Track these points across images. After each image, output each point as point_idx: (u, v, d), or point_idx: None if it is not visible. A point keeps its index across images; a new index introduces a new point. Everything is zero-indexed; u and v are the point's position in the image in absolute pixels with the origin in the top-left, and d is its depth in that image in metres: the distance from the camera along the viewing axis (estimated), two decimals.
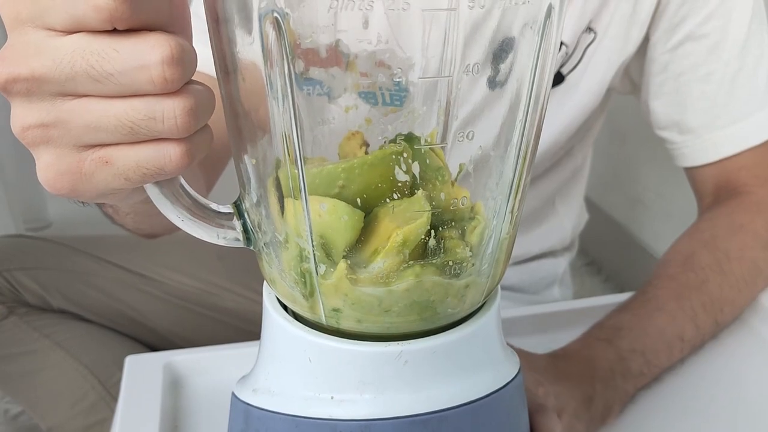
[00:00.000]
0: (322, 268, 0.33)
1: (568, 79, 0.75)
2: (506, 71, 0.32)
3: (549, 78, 0.34)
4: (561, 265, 0.92)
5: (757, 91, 0.72)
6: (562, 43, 0.71)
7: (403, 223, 0.33)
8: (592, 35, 0.72)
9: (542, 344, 0.61)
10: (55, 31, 0.28)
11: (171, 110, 0.28)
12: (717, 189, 0.75)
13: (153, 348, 0.96)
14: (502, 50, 0.32)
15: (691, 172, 0.78)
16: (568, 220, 0.91)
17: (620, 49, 0.73)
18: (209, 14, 0.32)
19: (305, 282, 0.34)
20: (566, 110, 0.76)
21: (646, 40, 0.74)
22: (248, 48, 0.31)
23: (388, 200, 0.33)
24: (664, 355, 0.59)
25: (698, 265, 0.65)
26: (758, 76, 0.72)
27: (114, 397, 0.87)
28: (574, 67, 0.74)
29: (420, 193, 0.33)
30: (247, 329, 0.93)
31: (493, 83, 0.33)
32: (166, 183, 0.34)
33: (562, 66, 0.73)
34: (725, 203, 0.72)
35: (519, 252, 0.88)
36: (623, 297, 0.67)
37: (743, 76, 0.72)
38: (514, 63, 0.32)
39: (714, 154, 0.74)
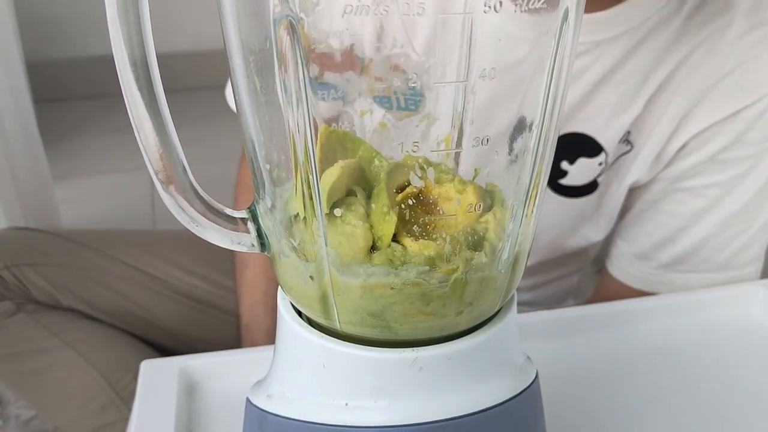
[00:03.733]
0: (336, 273, 0.33)
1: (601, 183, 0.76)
2: (522, 76, 0.32)
3: (566, 82, 0.33)
4: (575, 278, 0.92)
5: (720, 258, 0.74)
6: (603, 151, 0.72)
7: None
8: (628, 147, 0.73)
9: (558, 350, 0.61)
10: None
11: None
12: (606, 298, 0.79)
13: (163, 350, 0.95)
14: (517, 55, 0.32)
15: (608, 277, 0.80)
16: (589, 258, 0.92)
17: (645, 170, 0.74)
18: (223, 18, 0.32)
19: (318, 286, 0.34)
20: (601, 211, 0.78)
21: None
22: (262, 52, 0.31)
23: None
24: None
25: None
26: (729, 246, 0.73)
27: (124, 400, 0.86)
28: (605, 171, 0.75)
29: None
30: None
31: (509, 87, 0.32)
32: (179, 188, 0.34)
33: (599, 175, 0.74)
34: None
35: (534, 282, 0.88)
36: (638, 302, 0.67)
37: (717, 242, 0.73)
38: (530, 67, 0.32)
39: (642, 284, 0.77)
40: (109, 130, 2.14)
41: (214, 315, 0.96)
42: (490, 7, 0.29)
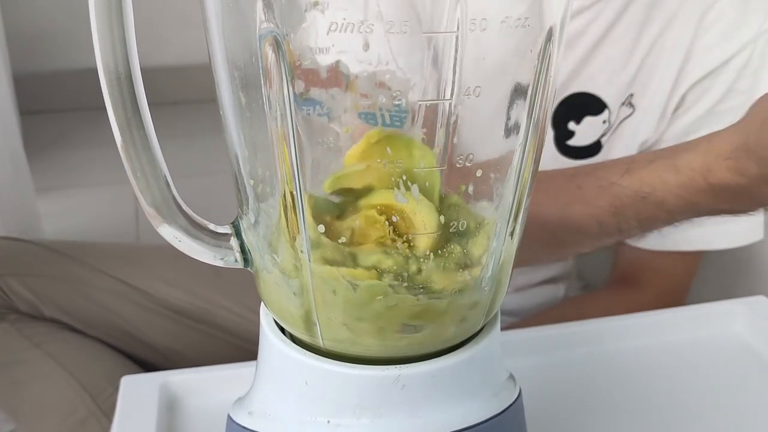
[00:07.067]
0: (319, 292, 0.33)
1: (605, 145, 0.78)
2: (506, 95, 0.32)
3: (549, 101, 0.34)
4: (560, 289, 0.92)
5: None
6: (606, 108, 0.74)
7: None
8: (630, 110, 0.76)
9: (541, 367, 0.60)
10: None
11: None
12: (628, 271, 0.82)
13: (146, 363, 0.95)
14: (501, 74, 0.32)
15: (624, 247, 0.82)
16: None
17: (652, 129, 0.77)
18: (208, 34, 0.32)
19: (301, 303, 0.34)
20: None
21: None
22: (247, 68, 0.31)
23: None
24: None
25: None
26: None
27: (105, 414, 0.85)
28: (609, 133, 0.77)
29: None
30: (244, 347, 0.93)
31: (493, 106, 0.32)
32: (162, 204, 0.33)
33: (603, 135, 0.76)
34: (624, 289, 0.82)
35: (520, 282, 0.88)
36: (621, 319, 0.67)
37: None
38: (513, 86, 0.32)
39: (660, 245, 0.79)
40: (94, 144, 2.12)
41: (198, 329, 0.95)
42: (475, 25, 0.29)
